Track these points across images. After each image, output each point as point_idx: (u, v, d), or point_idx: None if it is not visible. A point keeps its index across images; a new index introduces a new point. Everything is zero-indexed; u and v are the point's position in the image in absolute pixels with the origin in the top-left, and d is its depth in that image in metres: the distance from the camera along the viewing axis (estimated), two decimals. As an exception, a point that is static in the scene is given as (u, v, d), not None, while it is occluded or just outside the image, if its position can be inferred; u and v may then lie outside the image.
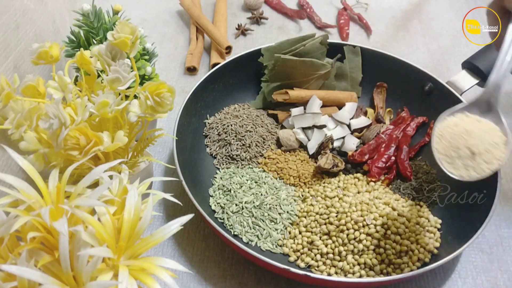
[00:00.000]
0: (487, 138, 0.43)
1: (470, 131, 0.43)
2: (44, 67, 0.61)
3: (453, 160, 0.43)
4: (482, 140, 0.42)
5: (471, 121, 0.45)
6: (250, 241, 0.53)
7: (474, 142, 0.43)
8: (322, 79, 0.69)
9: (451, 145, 0.44)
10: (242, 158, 0.62)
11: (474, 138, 0.43)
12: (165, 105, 0.45)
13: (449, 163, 0.44)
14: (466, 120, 0.45)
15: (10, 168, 0.51)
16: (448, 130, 0.45)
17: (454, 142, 0.44)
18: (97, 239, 0.35)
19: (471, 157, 0.43)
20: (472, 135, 0.43)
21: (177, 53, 0.83)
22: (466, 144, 0.43)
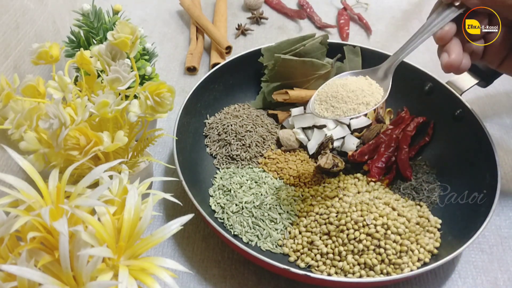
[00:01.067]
0: (359, 93, 0.51)
1: (349, 85, 0.52)
2: (44, 67, 0.61)
3: (322, 102, 0.52)
4: (354, 94, 0.51)
5: (362, 81, 0.53)
6: (250, 241, 0.53)
7: (345, 93, 0.51)
8: (322, 79, 0.69)
9: (328, 90, 0.52)
10: (242, 158, 0.62)
11: (349, 91, 0.51)
12: (165, 105, 0.45)
13: (318, 104, 0.52)
14: (360, 80, 0.53)
15: (10, 168, 0.51)
16: (336, 82, 0.53)
17: (330, 89, 0.52)
18: (97, 239, 0.35)
19: (336, 101, 0.51)
20: (347, 88, 0.51)
21: (177, 53, 0.83)
22: (337, 91, 0.51)
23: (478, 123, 0.59)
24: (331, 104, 0.51)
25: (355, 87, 0.51)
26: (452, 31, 0.49)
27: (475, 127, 0.59)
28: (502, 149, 0.67)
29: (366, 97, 0.51)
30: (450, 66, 0.49)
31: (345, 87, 0.51)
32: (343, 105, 0.50)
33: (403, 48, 0.52)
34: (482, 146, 0.57)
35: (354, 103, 0.50)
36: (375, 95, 0.51)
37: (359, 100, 0.50)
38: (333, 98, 0.51)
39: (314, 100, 0.52)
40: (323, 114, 0.51)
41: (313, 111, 0.51)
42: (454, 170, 0.60)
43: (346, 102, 0.50)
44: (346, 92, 0.51)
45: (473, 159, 0.58)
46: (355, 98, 0.50)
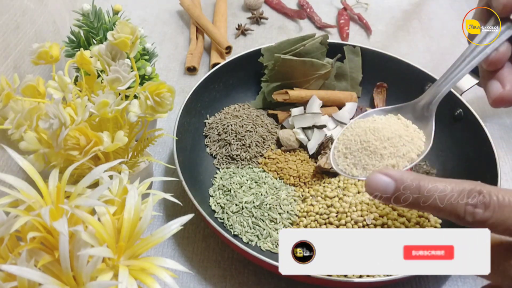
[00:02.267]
0: (397, 142, 0.37)
1: (382, 130, 0.38)
2: (44, 67, 0.61)
3: (347, 155, 0.38)
4: (390, 143, 0.36)
5: (394, 122, 0.39)
6: (250, 241, 0.53)
7: (379, 143, 0.37)
8: (322, 79, 0.69)
9: (353, 139, 0.39)
10: (242, 158, 0.62)
11: (383, 139, 0.37)
12: (165, 105, 0.45)
13: (342, 157, 0.38)
14: (391, 121, 0.40)
15: (10, 168, 0.51)
16: (362, 125, 0.39)
17: (358, 137, 0.38)
18: (97, 239, 0.35)
19: (367, 155, 0.37)
20: (379, 134, 0.37)
21: (177, 53, 0.83)
22: (367, 141, 0.37)
23: (478, 123, 0.59)
24: (360, 159, 0.38)
25: (390, 133, 0.38)
26: (508, 54, 0.39)
27: (475, 127, 0.59)
28: (502, 149, 0.67)
29: (405, 145, 0.38)
30: (502, 100, 0.39)
31: (377, 133, 0.38)
32: (377, 161, 0.37)
33: (446, 77, 0.41)
34: (482, 146, 0.57)
35: (393, 157, 0.37)
36: (415, 141, 0.38)
37: (399, 151, 0.37)
38: (362, 150, 0.38)
39: (334, 149, 0.40)
40: (351, 172, 0.38)
41: (336, 167, 0.39)
42: (454, 170, 0.60)
43: (382, 155, 0.37)
44: (379, 141, 0.37)
45: (473, 159, 0.58)
46: (393, 150, 0.37)
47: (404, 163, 0.37)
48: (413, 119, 0.40)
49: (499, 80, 0.39)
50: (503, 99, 0.39)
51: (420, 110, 0.41)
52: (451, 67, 0.40)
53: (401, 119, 0.41)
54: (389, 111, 0.41)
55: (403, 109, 0.42)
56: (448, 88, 0.40)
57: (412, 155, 0.38)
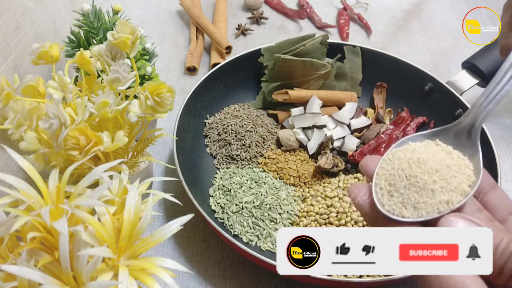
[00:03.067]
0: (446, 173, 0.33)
1: (428, 161, 0.33)
2: (44, 67, 0.61)
3: (392, 192, 0.33)
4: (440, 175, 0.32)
5: (435, 150, 0.35)
6: (250, 241, 0.53)
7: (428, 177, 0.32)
8: (322, 79, 0.69)
9: (396, 173, 0.33)
10: (242, 158, 0.62)
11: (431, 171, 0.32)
12: (165, 105, 0.45)
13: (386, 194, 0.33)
14: (431, 148, 0.35)
15: (10, 168, 0.51)
16: (401, 156, 0.34)
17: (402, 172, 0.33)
18: (97, 239, 0.35)
19: (416, 191, 0.32)
20: (426, 166, 0.33)
21: (177, 53, 0.83)
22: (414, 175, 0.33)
23: (478, 123, 0.59)
24: (408, 196, 0.32)
25: (438, 164, 0.33)
26: None
27: (475, 127, 0.59)
28: (502, 149, 0.67)
29: (455, 177, 0.32)
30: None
31: (423, 165, 0.33)
32: (428, 198, 0.32)
33: (488, 95, 0.35)
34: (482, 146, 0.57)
35: (445, 191, 0.32)
36: (463, 170, 0.33)
37: (450, 184, 0.32)
38: (410, 186, 0.32)
39: (376, 186, 0.34)
40: (400, 213, 0.32)
41: (382, 208, 0.32)
42: (454, 170, 0.60)
43: (434, 191, 0.32)
44: (428, 174, 0.32)
45: (473, 159, 0.58)
46: (444, 183, 0.32)
47: (458, 198, 0.32)
48: (454, 145, 0.35)
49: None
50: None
51: (461, 134, 0.36)
52: (492, 82, 0.35)
53: (441, 145, 0.35)
54: (426, 137, 0.36)
55: (441, 133, 0.36)
56: (491, 108, 0.35)
57: (464, 187, 0.32)
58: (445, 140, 0.35)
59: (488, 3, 0.47)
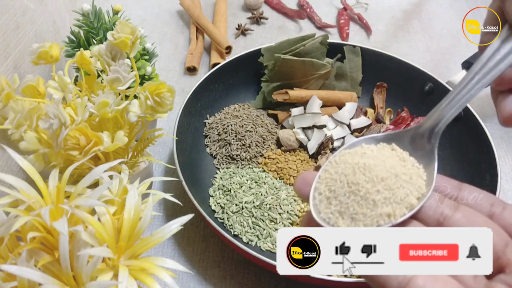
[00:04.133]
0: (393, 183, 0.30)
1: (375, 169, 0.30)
2: (44, 67, 0.61)
3: (331, 199, 0.30)
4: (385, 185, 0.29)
5: (388, 156, 0.31)
6: (250, 241, 0.53)
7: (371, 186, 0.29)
8: (322, 79, 0.69)
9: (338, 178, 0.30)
10: (242, 158, 0.62)
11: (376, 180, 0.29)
12: (165, 105, 0.45)
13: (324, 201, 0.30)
14: (384, 153, 0.32)
15: (10, 168, 0.51)
16: (348, 159, 0.31)
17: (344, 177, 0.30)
18: (97, 239, 0.35)
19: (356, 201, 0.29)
20: (371, 173, 0.29)
21: (177, 53, 0.83)
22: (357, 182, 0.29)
23: (478, 123, 0.59)
24: (347, 206, 0.29)
25: (385, 172, 0.30)
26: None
27: (475, 127, 0.59)
28: (502, 149, 0.67)
29: (403, 187, 0.29)
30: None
31: (368, 172, 0.30)
32: (369, 210, 0.29)
33: (452, 99, 0.33)
34: (482, 146, 0.57)
35: (388, 203, 0.29)
36: (414, 181, 0.30)
37: (395, 196, 0.29)
38: (350, 194, 0.29)
39: (315, 192, 0.30)
40: (336, 223, 0.29)
41: (317, 216, 0.29)
42: (454, 170, 0.60)
43: (375, 202, 0.29)
44: (371, 183, 0.29)
45: (473, 159, 0.58)
46: (389, 194, 0.29)
47: (402, 211, 0.29)
48: (411, 149, 0.32)
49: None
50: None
51: (420, 139, 0.32)
52: (457, 85, 0.32)
53: (396, 150, 0.32)
54: (382, 140, 0.33)
55: (398, 137, 0.32)
56: (454, 113, 0.32)
57: (412, 199, 0.29)
58: (402, 145, 0.32)
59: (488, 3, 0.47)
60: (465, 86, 0.32)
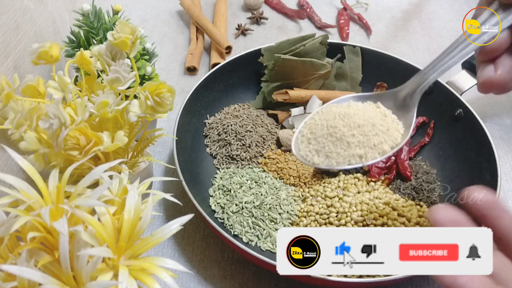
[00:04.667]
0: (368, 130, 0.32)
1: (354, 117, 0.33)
2: (44, 67, 0.61)
3: (311, 140, 0.34)
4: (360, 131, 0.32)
5: (371, 110, 0.34)
6: (250, 241, 0.53)
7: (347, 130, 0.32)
8: (322, 79, 0.69)
9: (320, 123, 0.34)
10: (242, 158, 0.62)
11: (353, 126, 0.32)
12: (165, 105, 0.45)
13: (305, 142, 0.34)
14: (368, 108, 0.35)
15: (10, 168, 0.51)
16: (333, 110, 0.34)
17: (325, 122, 0.33)
18: (97, 239, 0.35)
19: (332, 141, 0.32)
20: (349, 120, 0.33)
21: (177, 53, 0.83)
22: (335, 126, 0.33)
23: (478, 123, 0.59)
24: (324, 145, 0.33)
25: (362, 121, 0.34)
26: (507, 43, 0.34)
27: (475, 127, 0.59)
28: (502, 149, 0.67)
29: (378, 135, 0.34)
30: (491, 84, 0.34)
31: (347, 119, 0.34)
32: (342, 149, 0.33)
33: (434, 65, 0.36)
34: (482, 146, 0.57)
35: (361, 146, 0.33)
36: (391, 133, 0.34)
37: (369, 141, 0.33)
38: (328, 136, 0.34)
39: (299, 134, 0.35)
40: (311, 160, 0.34)
41: (296, 153, 0.34)
42: (454, 170, 0.60)
43: (349, 143, 0.33)
44: (348, 127, 0.33)
45: (473, 159, 0.58)
46: (363, 138, 0.33)
47: (374, 155, 0.33)
48: (394, 108, 0.36)
49: (495, 63, 0.34)
50: (493, 83, 0.34)
51: (403, 99, 0.37)
52: (441, 54, 0.35)
53: (380, 107, 0.37)
54: (368, 98, 0.37)
55: (384, 96, 0.37)
56: (435, 77, 0.35)
57: (385, 146, 0.34)
58: (386, 104, 0.37)
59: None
60: (448, 54, 0.34)
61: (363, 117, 0.34)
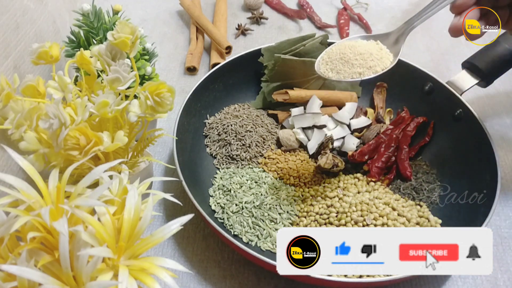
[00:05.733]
0: (367, 57, 0.49)
1: (358, 48, 0.50)
2: (44, 67, 0.61)
3: (327, 62, 0.51)
4: (361, 57, 0.49)
5: (372, 45, 0.51)
6: (250, 241, 0.53)
7: (353, 56, 0.49)
8: (322, 79, 0.69)
9: (335, 51, 0.51)
10: (242, 158, 0.62)
11: (356, 53, 0.49)
12: (165, 105, 0.45)
13: (324, 64, 0.51)
14: (370, 44, 0.52)
15: (10, 168, 0.51)
16: (345, 43, 0.51)
17: (338, 50, 0.51)
18: (97, 239, 0.35)
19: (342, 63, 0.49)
20: (355, 50, 0.50)
21: (177, 53, 0.83)
22: (344, 53, 0.50)
23: (478, 123, 0.59)
24: (336, 65, 0.49)
25: (364, 50, 0.50)
26: (471, 1, 0.47)
27: (475, 127, 0.59)
28: (502, 149, 0.67)
29: (373, 61, 0.49)
30: (456, 28, 0.47)
31: (353, 49, 0.50)
32: (348, 68, 0.49)
33: (419, 15, 0.50)
34: (482, 146, 0.57)
35: (360, 67, 0.49)
36: (383, 60, 0.50)
37: (367, 64, 0.49)
38: (339, 59, 0.49)
39: (321, 58, 0.51)
40: (327, 74, 0.50)
41: (318, 70, 0.50)
42: (454, 170, 0.60)
43: (353, 64, 0.49)
44: (353, 54, 0.49)
45: (473, 159, 0.58)
46: (362, 62, 0.49)
47: (369, 73, 0.49)
48: (388, 44, 0.52)
49: (461, 15, 0.47)
50: (456, 28, 0.47)
51: (396, 39, 0.52)
52: (424, 8, 0.50)
53: (379, 44, 0.52)
54: (371, 37, 0.53)
55: (382, 37, 0.53)
56: (419, 23, 0.50)
57: (377, 68, 0.50)
58: (384, 42, 0.52)
59: (488, 3, 0.47)
60: (430, 6, 0.49)
61: (364, 48, 0.50)
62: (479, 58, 0.63)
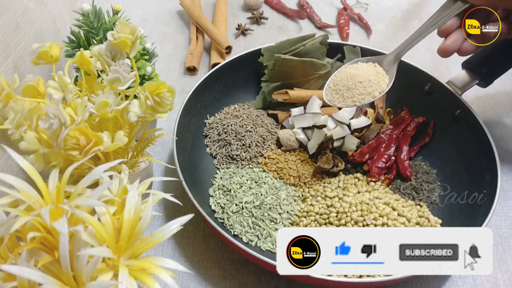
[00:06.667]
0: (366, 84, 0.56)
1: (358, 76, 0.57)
2: (44, 67, 0.61)
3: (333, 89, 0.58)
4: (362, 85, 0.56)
5: (370, 69, 0.58)
6: (250, 241, 0.53)
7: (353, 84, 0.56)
8: (322, 79, 0.69)
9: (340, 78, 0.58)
10: (242, 158, 0.62)
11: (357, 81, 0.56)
12: (165, 105, 0.45)
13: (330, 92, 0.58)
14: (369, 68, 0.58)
15: (10, 168, 0.51)
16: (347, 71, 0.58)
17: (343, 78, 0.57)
18: (97, 239, 0.35)
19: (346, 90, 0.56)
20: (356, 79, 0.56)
21: (177, 53, 0.83)
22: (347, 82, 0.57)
23: (478, 123, 0.59)
24: (342, 94, 0.57)
25: (363, 78, 0.56)
26: (454, 25, 0.54)
27: (475, 127, 0.59)
28: (502, 149, 0.67)
29: (372, 86, 0.56)
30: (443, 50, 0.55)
31: (355, 78, 0.57)
32: (351, 95, 0.56)
33: (411, 39, 0.57)
34: (482, 146, 0.57)
35: (361, 93, 0.56)
36: (380, 84, 0.57)
37: (366, 90, 0.56)
38: (343, 87, 0.57)
39: (327, 86, 0.58)
40: (334, 103, 0.57)
41: (325, 98, 0.58)
42: (454, 170, 0.60)
43: (354, 92, 0.56)
44: (354, 82, 0.56)
45: (473, 159, 0.58)
46: (363, 90, 0.56)
47: (368, 98, 0.56)
48: (385, 67, 0.58)
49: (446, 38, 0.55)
50: (444, 50, 0.55)
51: (390, 61, 0.58)
52: (415, 32, 0.57)
53: (376, 66, 0.59)
54: (369, 60, 0.60)
55: (379, 59, 0.59)
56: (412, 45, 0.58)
57: (375, 93, 0.56)
58: (380, 64, 0.59)
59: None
60: (420, 30, 0.57)
61: (363, 76, 0.57)
62: (479, 58, 0.63)
